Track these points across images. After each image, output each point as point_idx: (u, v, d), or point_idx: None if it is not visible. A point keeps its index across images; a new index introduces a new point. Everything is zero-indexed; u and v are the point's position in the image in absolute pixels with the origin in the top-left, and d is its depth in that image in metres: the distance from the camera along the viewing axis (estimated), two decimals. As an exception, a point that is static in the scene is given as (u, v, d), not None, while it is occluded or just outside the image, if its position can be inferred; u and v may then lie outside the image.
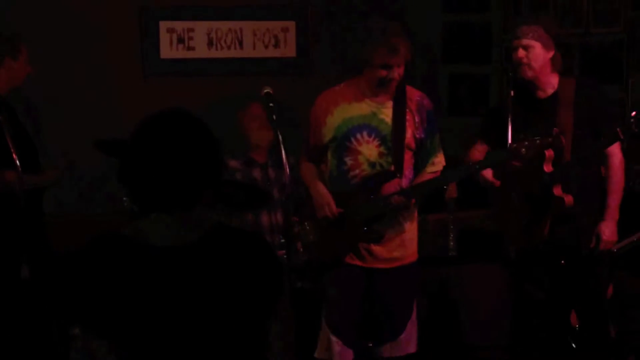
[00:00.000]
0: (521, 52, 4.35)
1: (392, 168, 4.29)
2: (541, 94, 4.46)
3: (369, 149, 4.31)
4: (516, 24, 4.49)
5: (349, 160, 4.34)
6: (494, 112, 4.77)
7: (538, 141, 4.07)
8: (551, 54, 4.38)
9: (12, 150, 4.43)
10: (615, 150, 4.37)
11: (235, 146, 5.47)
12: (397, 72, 4.18)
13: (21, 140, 4.69)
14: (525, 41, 4.34)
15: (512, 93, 4.30)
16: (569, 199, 4.33)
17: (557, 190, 4.32)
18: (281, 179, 5.04)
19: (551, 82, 4.43)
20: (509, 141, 4.16)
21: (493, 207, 4.68)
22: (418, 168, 4.40)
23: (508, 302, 4.76)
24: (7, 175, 4.53)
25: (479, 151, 4.60)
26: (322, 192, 4.39)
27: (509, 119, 4.22)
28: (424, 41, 6.63)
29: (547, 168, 4.31)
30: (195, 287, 2.26)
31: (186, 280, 2.26)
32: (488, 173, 4.50)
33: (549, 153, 4.29)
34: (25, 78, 4.91)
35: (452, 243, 5.75)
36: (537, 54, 4.35)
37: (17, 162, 4.41)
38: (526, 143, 4.06)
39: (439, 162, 4.41)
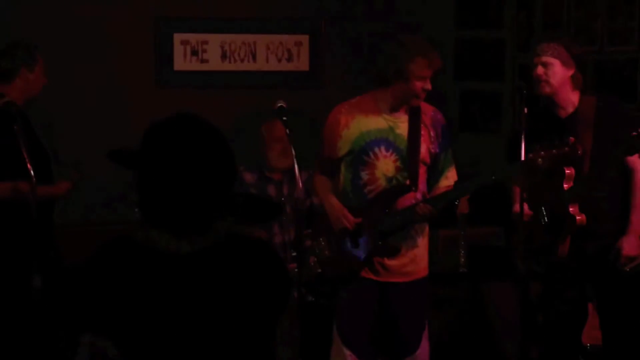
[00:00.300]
0: (540, 69, 4.38)
1: (408, 182, 4.31)
2: (562, 113, 4.48)
3: (386, 164, 4.32)
4: (537, 41, 4.53)
5: (365, 175, 4.35)
6: (517, 133, 4.78)
7: (554, 151, 4.07)
8: (571, 72, 4.40)
9: (27, 160, 4.46)
10: (638, 166, 4.38)
11: (249, 158, 5.50)
12: (429, 85, 4.24)
13: (36, 150, 4.73)
14: (544, 58, 4.37)
15: (525, 110, 4.32)
16: (581, 217, 4.33)
17: (573, 209, 4.32)
18: (295, 196, 5.05)
19: (572, 101, 4.45)
20: (522, 157, 4.17)
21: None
22: (430, 182, 4.42)
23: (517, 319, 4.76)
24: (20, 185, 4.56)
25: None
26: (335, 205, 4.40)
27: (522, 135, 4.24)
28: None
29: (567, 185, 4.32)
30: (203, 294, 2.26)
31: (194, 287, 2.26)
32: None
33: (569, 170, 4.31)
34: (42, 88, 4.96)
35: (462, 259, 5.76)
36: (555, 72, 4.37)
37: (32, 172, 4.44)
38: (542, 153, 4.07)
39: (451, 176, 4.43)
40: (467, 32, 6.89)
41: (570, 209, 4.32)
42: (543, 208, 4.39)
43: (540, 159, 4.05)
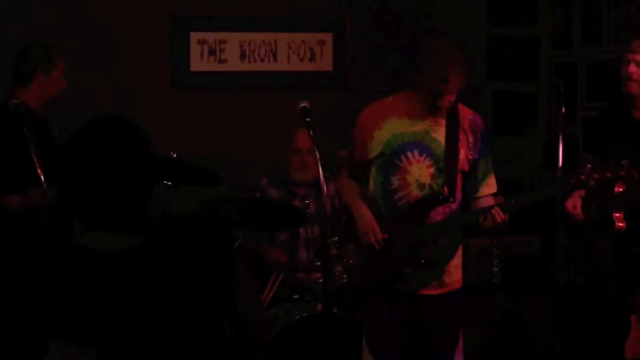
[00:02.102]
0: (632, 67, 4.41)
1: (445, 191, 4.25)
2: (637, 114, 4.49)
3: (419, 169, 4.27)
4: (633, 36, 4.52)
5: (396, 180, 4.29)
6: (595, 124, 4.77)
7: (608, 174, 3.99)
8: None
9: (37, 165, 4.47)
10: None
11: (270, 164, 5.49)
12: (447, 100, 4.17)
13: (50, 154, 4.74)
14: (639, 56, 4.40)
15: (562, 110, 4.29)
16: (622, 225, 4.35)
17: (617, 214, 4.35)
18: (322, 213, 4.96)
19: None
20: (560, 162, 4.13)
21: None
22: (467, 191, 4.36)
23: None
24: (31, 193, 4.57)
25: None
26: (366, 216, 4.34)
27: (560, 138, 4.20)
28: (467, 55, 6.61)
29: (618, 189, 4.32)
30: (148, 285, 2.30)
31: (138, 280, 2.30)
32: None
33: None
34: (60, 92, 4.99)
35: (496, 269, 5.72)
36: None
37: (42, 177, 4.45)
38: (595, 176, 3.99)
39: (492, 183, 4.37)
40: (500, 29, 6.87)
41: (615, 214, 4.32)
42: (594, 205, 4.43)
43: (592, 182, 3.98)
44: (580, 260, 4.49)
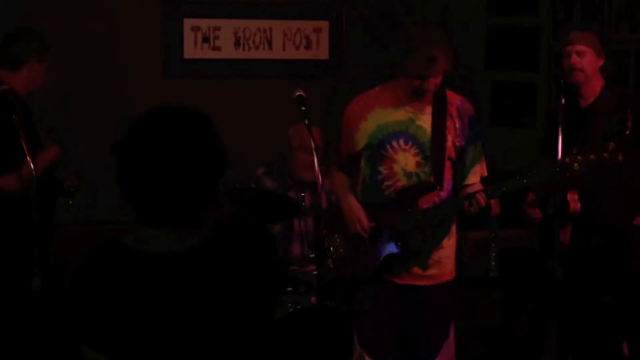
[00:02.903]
0: (574, 58, 4.48)
1: (432, 179, 4.29)
2: (583, 103, 4.58)
3: (405, 158, 4.30)
4: (568, 30, 4.63)
5: (383, 170, 4.33)
6: (551, 122, 4.82)
7: (593, 157, 4.08)
8: (602, 62, 4.53)
9: (27, 152, 4.48)
10: None
11: (265, 154, 5.48)
12: (433, 83, 4.19)
13: (34, 142, 4.75)
14: (578, 47, 4.48)
15: (562, 101, 4.32)
16: (576, 205, 4.44)
17: (570, 196, 4.44)
18: (317, 207, 4.97)
19: (595, 91, 4.56)
20: (559, 153, 4.18)
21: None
22: (456, 179, 4.39)
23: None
24: (23, 171, 4.57)
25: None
26: (353, 205, 4.40)
27: (560, 129, 4.24)
28: (465, 45, 6.64)
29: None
30: (196, 295, 2.28)
31: (187, 288, 2.28)
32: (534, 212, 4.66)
33: None
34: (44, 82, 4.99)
35: (493, 263, 5.74)
36: (589, 62, 4.49)
37: (32, 165, 4.46)
38: (579, 158, 4.07)
39: (480, 172, 4.40)
40: (499, 18, 6.87)
41: (569, 196, 4.43)
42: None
43: (577, 164, 4.06)
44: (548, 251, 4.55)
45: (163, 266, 2.28)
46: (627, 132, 4.16)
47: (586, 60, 4.47)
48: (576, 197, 4.44)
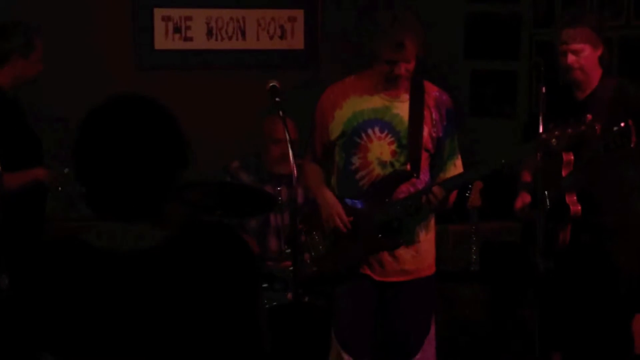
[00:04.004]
0: (571, 58, 4.46)
1: (408, 167, 4.29)
2: (580, 95, 4.57)
3: (380, 147, 4.31)
4: (561, 27, 4.59)
5: (357, 159, 4.33)
6: (534, 115, 4.84)
7: (570, 130, 4.12)
8: (599, 52, 4.52)
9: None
10: None
11: (239, 147, 5.47)
12: (405, 68, 4.19)
13: (24, 136, 4.75)
14: (574, 46, 4.46)
15: (543, 90, 4.34)
16: (576, 208, 4.45)
17: (569, 198, 4.45)
18: (293, 202, 4.96)
19: (592, 82, 4.55)
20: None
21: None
22: (433, 173, 4.40)
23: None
24: None
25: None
26: (329, 200, 4.39)
27: (540, 117, 4.26)
28: (443, 33, 6.64)
29: (566, 171, 4.45)
30: (162, 293, 2.26)
31: (150, 286, 2.25)
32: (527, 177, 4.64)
33: (568, 156, 4.43)
34: (37, 75, 5.00)
35: (474, 256, 5.76)
36: (587, 57, 4.48)
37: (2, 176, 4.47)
38: (556, 133, 4.11)
39: (459, 165, 4.42)
40: (479, 5, 6.88)
41: (567, 198, 4.43)
42: (546, 193, 4.48)
43: (554, 139, 4.11)
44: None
45: (126, 264, 2.25)
46: (632, 146, 4.18)
47: (584, 58, 4.46)
48: (575, 198, 4.45)
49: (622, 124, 4.16)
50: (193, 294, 2.26)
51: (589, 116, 4.18)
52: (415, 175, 4.28)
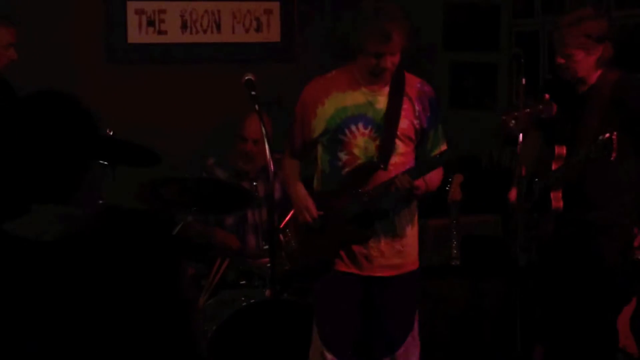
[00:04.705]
0: (565, 61, 4.56)
1: (376, 157, 4.30)
2: (581, 87, 4.64)
3: (365, 142, 4.31)
4: (556, 27, 4.66)
5: (343, 156, 4.33)
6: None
7: (528, 110, 4.26)
8: (597, 54, 4.55)
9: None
10: None
11: (214, 142, 5.47)
12: (391, 61, 4.19)
13: None
14: (567, 51, 4.53)
15: (523, 81, 4.37)
16: (558, 205, 4.56)
17: (554, 194, 4.57)
18: (270, 198, 4.99)
19: (592, 79, 4.62)
20: (520, 136, 4.29)
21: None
22: (419, 163, 4.41)
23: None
24: None
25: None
26: (300, 194, 4.41)
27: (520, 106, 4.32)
28: (422, 24, 6.64)
29: (555, 165, 4.57)
30: (79, 281, 2.27)
31: (69, 275, 2.27)
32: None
33: (560, 150, 4.55)
34: (9, 63, 5.01)
35: (455, 251, 5.77)
36: (579, 60, 4.54)
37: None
38: (515, 114, 4.22)
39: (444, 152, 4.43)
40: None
41: (552, 194, 4.54)
42: (536, 181, 4.62)
43: (513, 120, 4.18)
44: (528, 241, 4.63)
45: (40, 252, 2.28)
46: (612, 159, 4.25)
47: (574, 62, 4.52)
48: (560, 195, 4.55)
49: (607, 136, 4.21)
50: (106, 281, 2.29)
51: (547, 95, 4.30)
52: (382, 166, 4.28)
